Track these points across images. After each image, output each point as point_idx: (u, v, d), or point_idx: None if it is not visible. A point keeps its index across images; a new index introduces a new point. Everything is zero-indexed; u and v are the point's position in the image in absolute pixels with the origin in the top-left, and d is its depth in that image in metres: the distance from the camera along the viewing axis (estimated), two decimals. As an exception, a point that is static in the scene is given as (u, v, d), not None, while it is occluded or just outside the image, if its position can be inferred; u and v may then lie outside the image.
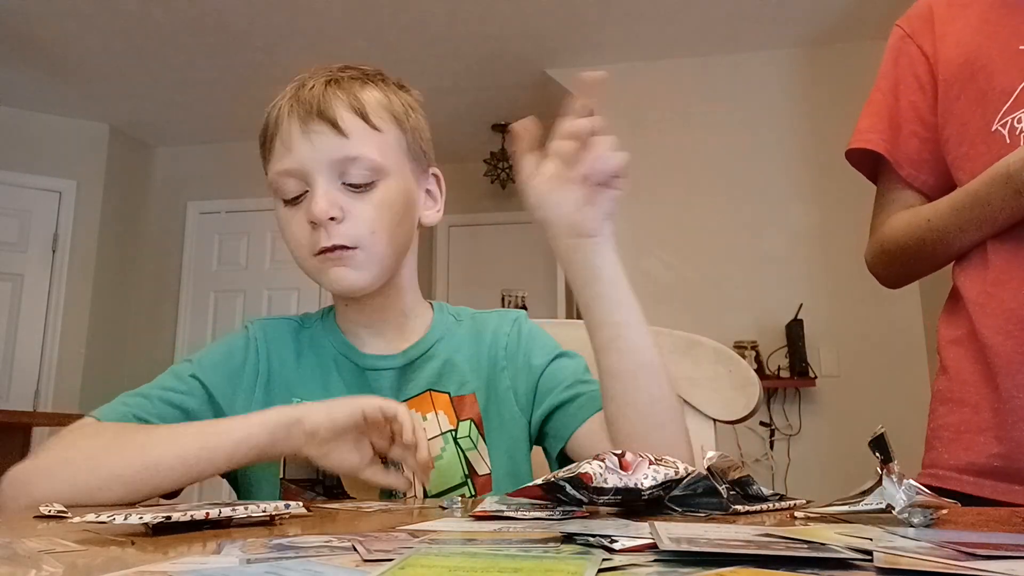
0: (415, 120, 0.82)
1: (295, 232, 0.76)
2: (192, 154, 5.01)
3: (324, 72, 0.79)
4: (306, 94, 0.76)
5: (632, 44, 3.72)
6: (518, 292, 4.94)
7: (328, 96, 0.76)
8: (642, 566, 0.31)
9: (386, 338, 0.83)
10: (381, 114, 0.78)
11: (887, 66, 1.03)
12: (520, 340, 0.85)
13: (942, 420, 0.91)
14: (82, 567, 0.34)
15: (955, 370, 0.91)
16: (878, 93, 1.02)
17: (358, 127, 0.75)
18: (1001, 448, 0.83)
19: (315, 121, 0.74)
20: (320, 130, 0.74)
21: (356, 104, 0.76)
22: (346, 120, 0.75)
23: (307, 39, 3.67)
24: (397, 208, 0.78)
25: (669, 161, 3.74)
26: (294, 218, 0.76)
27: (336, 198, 0.74)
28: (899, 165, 0.99)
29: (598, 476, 0.48)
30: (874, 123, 1.01)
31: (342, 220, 0.74)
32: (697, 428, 0.91)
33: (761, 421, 3.40)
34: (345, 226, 0.74)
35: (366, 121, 0.76)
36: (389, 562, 0.31)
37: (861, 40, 3.59)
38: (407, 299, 0.84)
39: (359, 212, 0.75)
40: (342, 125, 0.74)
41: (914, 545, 0.36)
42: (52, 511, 0.57)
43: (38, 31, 3.60)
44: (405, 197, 0.79)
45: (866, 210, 1.09)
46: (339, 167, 0.74)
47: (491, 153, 4.79)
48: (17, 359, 4.26)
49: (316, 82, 0.77)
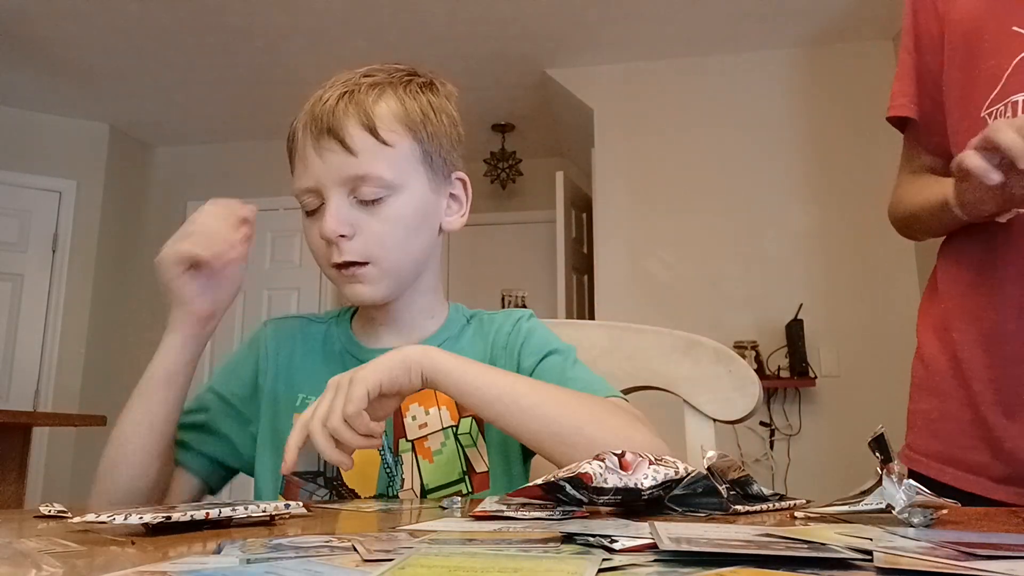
0: (434, 126, 0.81)
1: (315, 244, 0.79)
2: (192, 154, 5.01)
3: (345, 79, 0.80)
4: (319, 109, 0.77)
5: (632, 44, 3.72)
6: (518, 292, 4.94)
7: (339, 112, 0.76)
8: (642, 566, 0.31)
9: (401, 335, 0.85)
10: (393, 126, 0.77)
11: (907, 20, 1.01)
12: (517, 339, 0.86)
13: (916, 405, 0.95)
14: (82, 567, 0.34)
15: (929, 357, 0.93)
16: (903, 52, 1.01)
17: (367, 144, 0.76)
18: (969, 442, 0.86)
19: (326, 139, 0.76)
20: (330, 147, 0.76)
21: (366, 120, 0.76)
22: (355, 137, 0.76)
23: (307, 39, 3.67)
24: (410, 220, 0.78)
25: (669, 161, 3.74)
26: (312, 231, 0.79)
27: (347, 215, 0.76)
28: (915, 127, 1.01)
29: (598, 476, 0.48)
30: (902, 86, 1.01)
31: (353, 236, 0.76)
32: (697, 428, 0.91)
33: (761, 421, 3.40)
34: (356, 242, 0.76)
35: (376, 136, 0.76)
36: (389, 562, 0.31)
37: (861, 40, 3.59)
38: (425, 300, 0.87)
39: (370, 228, 0.76)
40: (350, 143, 0.75)
41: (914, 545, 0.36)
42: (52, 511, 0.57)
43: (38, 31, 3.60)
44: (420, 208, 0.79)
45: (866, 210, 1.10)
46: (350, 184, 0.76)
47: (491, 153, 4.79)
48: (17, 359, 4.26)
49: (332, 95, 0.78)
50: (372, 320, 0.86)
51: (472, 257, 5.07)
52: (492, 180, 4.80)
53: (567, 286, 4.08)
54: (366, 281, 0.77)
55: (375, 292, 0.78)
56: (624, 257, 3.68)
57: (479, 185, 4.89)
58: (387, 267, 0.78)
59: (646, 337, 0.96)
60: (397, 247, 0.78)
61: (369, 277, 0.77)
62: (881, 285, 3.41)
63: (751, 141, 3.67)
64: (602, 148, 3.82)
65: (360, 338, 0.86)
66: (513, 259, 5.01)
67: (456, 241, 5.11)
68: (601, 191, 3.79)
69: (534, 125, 4.63)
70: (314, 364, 0.85)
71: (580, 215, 4.45)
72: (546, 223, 4.69)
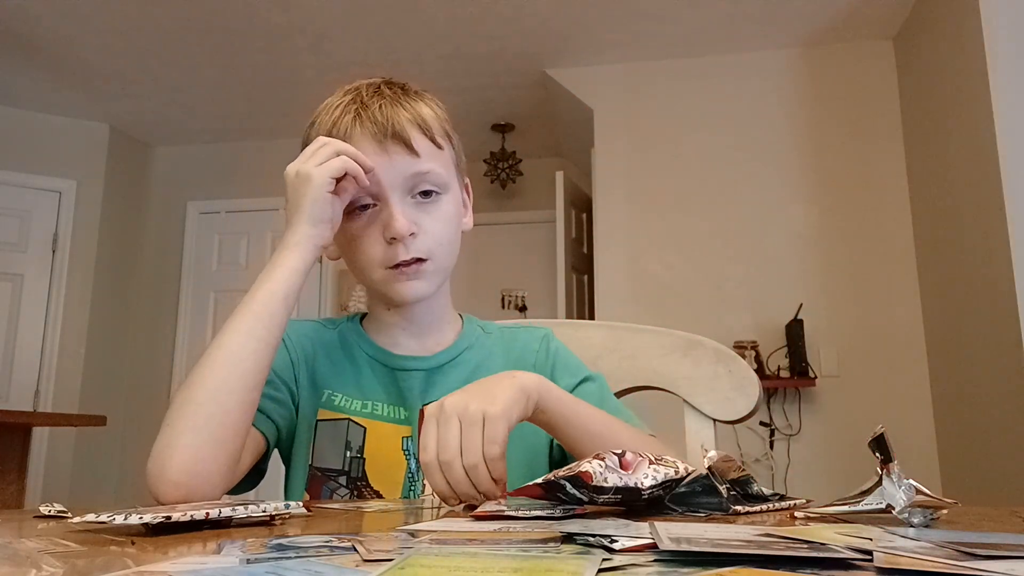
0: (455, 134, 0.87)
1: (368, 247, 0.79)
2: (192, 154, 5.01)
3: (374, 89, 0.82)
4: (377, 114, 0.79)
5: (632, 44, 3.72)
6: (518, 292, 4.94)
7: (399, 116, 0.79)
8: (642, 566, 0.31)
9: (420, 341, 0.86)
10: (439, 131, 0.83)
11: None
12: (548, 358, 0.87)
13: None
14: (82, 567, 0.34)
15: None
16: None
17: (426, 146, 0.80)
18: None
19: (390, 141, 0.78)
20: (395, 149, 0.78)
21: (422, 123, 0.80)
22: (417, 139, 0.79)
23: (307, 39, 3.67)
24: (455, 220, 0.84)
25: (669, 161, 3.74)
26: (366, 233, 0.79)
27: (411, 215, 0.78)
28: None
29: (598, 475, 0.48)
30: None
31: (417, 235, 0.78)
32: (697, 428, 0.91)
33: (761, 421, 3.40)
34: (420, 240, 0.78)
35: (432, 140, 0.81)
36: (389, 562, 0.31)
37: (861, 40, 3.59)
38: (444, 306, 0.88)
39: (429, 226, 0.79)
40: (415, 144, 0.79)
41: (914, 545, 0.36)
42: (52, 511, 0.57)
43: (38, 31, 3.60)
44: (459, 209, 0.85)
45: (866, 210, 1.10)
46: (411, 183, 0.79)
47: (491, 153, 4.79)
48: (17, 359, 4.26)
49: (380, 102, 0.80)
50: (390, 327, 0.86)
51: (472, 257, 5.07)
52: (492, 180, 4.80)
53: (567, 286, 4.08)
54: (423, 277, 0.79)
55: (429, 288, 0.80)
56: (624, 257, 3.68)
57: (479, 185, 4.89)
58: (441, 263, 0.81)
59: (646, 337, 0.96)
60: (449, 243, 0.82)
61: (427, 273, 0.79)
62: (881, 285, 3.41)
63: (751, 141, 3.67)
64: (602, 148, 3.82)
65: (383, 346, 0.86)
66: (513, 259, 5.01)
67: (456, 241, 5.11)
68: (601, 191, 3.79)
69: (534, 125, 4.63)
70: (339, 362, 0.85)
71: (580, 215, 4.45)
72: (546, 223, 4.68)
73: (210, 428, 0.66)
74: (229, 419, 0.67)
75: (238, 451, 0.69)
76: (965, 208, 2.92)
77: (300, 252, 0.74)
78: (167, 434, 0.66)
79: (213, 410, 0.67)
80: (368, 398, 0.83)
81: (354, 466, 0.80)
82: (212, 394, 0.67)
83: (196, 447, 0.65)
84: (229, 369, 0.68)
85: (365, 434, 0.81)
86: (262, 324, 0.70)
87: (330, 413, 0.82)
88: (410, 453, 0.80)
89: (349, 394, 0.83)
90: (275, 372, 0.81)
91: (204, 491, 0.65)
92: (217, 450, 0.66)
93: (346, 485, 0.80)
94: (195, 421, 0.66)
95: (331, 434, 0.81)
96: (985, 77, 2.70)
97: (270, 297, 0.71)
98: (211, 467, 0.66)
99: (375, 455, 0.80)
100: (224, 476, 0.68)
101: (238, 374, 0.68)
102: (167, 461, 0.65)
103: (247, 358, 0.69)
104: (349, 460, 0.79)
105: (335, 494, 0.80)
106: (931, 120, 3.21)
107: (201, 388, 0.67)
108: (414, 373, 0.84)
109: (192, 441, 0.65)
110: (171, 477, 0.64)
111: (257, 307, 0.71)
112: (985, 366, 2.80)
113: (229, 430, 0.67)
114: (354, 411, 0.82)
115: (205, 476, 0.65)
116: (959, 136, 2.96)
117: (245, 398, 0.69)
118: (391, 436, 0.81)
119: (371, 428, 0.81)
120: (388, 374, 0.84)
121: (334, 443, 0.81)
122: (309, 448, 0.81)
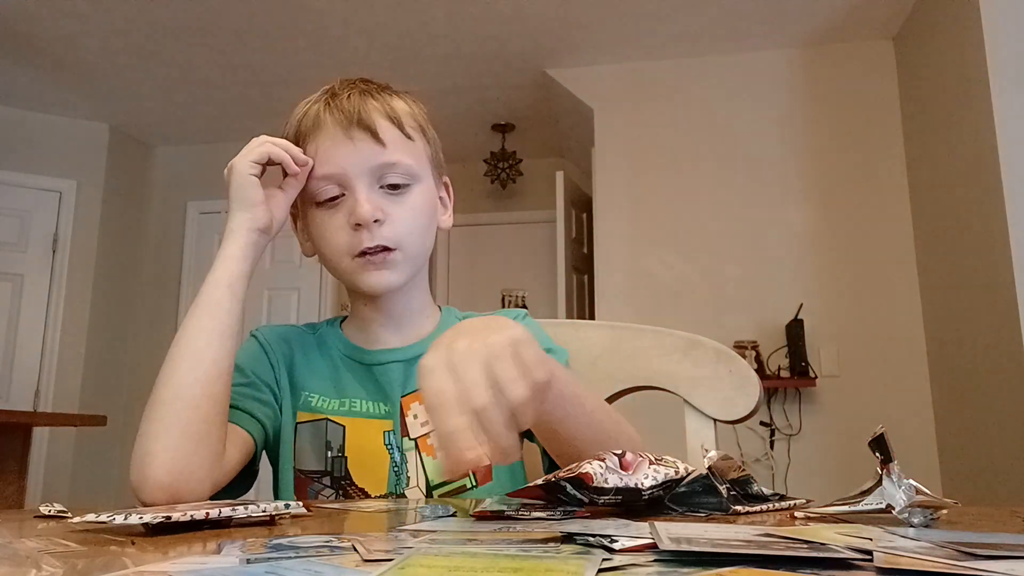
0: (431, 131, 0.87)
1: (334, 235, 0.79)
2: (192, 154, 5.01)
3: (348, 84, 0.84)
4: (344, 103, 0.80)
5: (632, 44, 3.72)
6: (518, 292, 4.94)
7: (366, 105, 0.80)
8: (642, 566, 0.31)
9: (399, 334, 0.86)
10: (411, 123, 0.83)
11: None
12: None
13: None
14: (82, 567, 0.34)
15: None
16: None
17: (394, 135, 0.80)
18: None
19: (356, 129, 0.79)
20: (361, 138, 0.79)
21: (391, 113, 0.81)
22: (384, 128, 0.79)
23: (307, 39, 3.67)
24: (427, 212, 0.83)
25: (669, 161, 3.73)
26: (332, 221, 0.79)
27: (378, 202, 0.78)
28: None
29: (598, 476, 0.48)
30: None
31: (383, 222, 0.78)
32: (697, 428, 0.91)
33: (761, 421, 3.40)
34: (386, 228, 0.78)
35: (401, 129, 0.81)
36: (389, 562, 0.31)
37: (861, 40, 3.59)
38: (421, 298, 0.88)
39: (396, 215, 0.79)
40: (381, 134, 0.79)
41: (914, 545, 0.36)
42: (52, 511, 0.57)
43: (38, 31, 3.60)
44: (432, 202, 0.85)
45: (866, 210, 1.09)
46: (378, 172, 0.79)
47: (491, 153, 4.79)
48: (17, 359, 4.26)
49: (350, 92, 0.81)
50: (369, 322, 0.86)
51: (472, 257, 5.07)
52: (492, 180, 4.80)
53: (567, 286, 4.08)
54: (392, 267, 0.79)
55: (399, 278, 0.80)
56: (624, 257, 3.68)
57: (479, 185, 4.89)
58: (410, 253, 0.81)
59: (646, 337, 0.96)
60: (419, 234, 0.81)
61: (395, 263, 0.79)
62: (881, 285, 3.41)
63: (751, 141, 3.67)
64: (602, 148, 3.81)
65: (357, 343, 0.87)
66: (513, 259, 5.01)
67: (456, 241, 5.11)
68: (601, 191, 3.79)
69: (534, 125, 4.63)
70: (316, 363, 0.86)
71: (580, 215, 4.45)
72: (546, 223, 4.68)
73: (181, 424, 0.67)
74: (199, 413, 0.68)
75: (218, 445, 0.70)
76: (965, 208, 2.92)
77: (235, 238, 0.76)
78: (141, 439, 0.67)
79: (180, 406, 0.68)
80: (346, 396, 0.83)
81: (336, 465, 0.80)
82: (176, 390, 0.68)
83: (173, 446, 0.66)
84: (188, 363, 0.70)
85: (345, 432, 0.81)
86: (209, 314, 0.72)
87: (308, 415, 0.82)
88: (392, 446, 0.80)
89: (326, 394, 0.83)
90: (256, 375, 0.82)
91: (190, 488, 0.66)
92: (194, 445, 0.67)
93: (330, 485, 0.80)
94: (166, 420, 0.67)
95: (310, 435, 0.81)
96: (985, 77, 2.70)
97: (214, 287, 0.74)
98: (192, 463, 0.66)
99: (357, 453, 0.80)
100: (208, 472, 0.68)
101: (197, 366, 0.70)
102: (147, 466, 0.66)
103: (202, 349, 0.70)
104: (331, 460, 0.80)
105: (320, 496, 0.79)
106: (931, 120, 3.21)
107: (165, 387, 0.69)
108: (391, 366, 0.84)
109: (167, 441, 0.66)
110: (154, 479, 0.65)
111: (203, 299, 0.73)
112: (985, 366, 2.80)
113: (202, 424, 0.68)
114: (331, 411, 0.82)
115: (188, 473, 0.66)
116: (959, 136, 2.96)
117: (210, 390, 0.69)
118: (372, 432, 0.81)
119: (351, 426, 0.81)
120: (364, 371, 0.84)
121: (314, 444, 0.81)
122: (292, 451, 0.82)
